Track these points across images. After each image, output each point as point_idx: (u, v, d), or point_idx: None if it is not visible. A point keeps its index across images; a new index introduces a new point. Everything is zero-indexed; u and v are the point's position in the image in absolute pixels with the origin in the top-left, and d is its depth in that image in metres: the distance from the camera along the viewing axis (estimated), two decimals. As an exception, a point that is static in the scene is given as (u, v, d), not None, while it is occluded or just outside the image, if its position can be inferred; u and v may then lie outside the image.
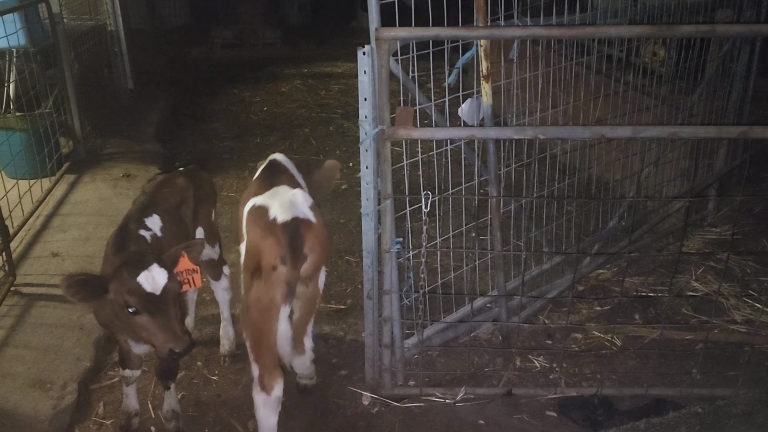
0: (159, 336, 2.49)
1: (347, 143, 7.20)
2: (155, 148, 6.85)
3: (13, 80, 5.64)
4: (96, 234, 4.88)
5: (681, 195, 4.97)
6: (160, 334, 2.48)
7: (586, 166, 4.72)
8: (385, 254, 3.20)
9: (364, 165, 3.07)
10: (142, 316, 2.46)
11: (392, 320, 3.35)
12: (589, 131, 3.09)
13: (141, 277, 2.44)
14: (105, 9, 8.06)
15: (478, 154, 3.69)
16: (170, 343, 2.48)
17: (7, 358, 3.56)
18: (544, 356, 3.78)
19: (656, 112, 4.94)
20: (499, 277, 3.79)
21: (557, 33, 3.34)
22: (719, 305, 4.17)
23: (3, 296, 4.00)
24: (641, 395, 3.41)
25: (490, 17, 3.42)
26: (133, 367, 3.08)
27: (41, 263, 4.50)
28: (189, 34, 12.70)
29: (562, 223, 4.47)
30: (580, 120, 4.49)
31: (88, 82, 6.96)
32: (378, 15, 2.90)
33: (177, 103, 8.69)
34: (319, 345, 3.96)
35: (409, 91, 3.29)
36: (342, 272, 4.76)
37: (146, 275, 2.45)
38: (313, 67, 10.70)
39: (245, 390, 3.57)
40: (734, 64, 4.93)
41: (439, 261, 3.66)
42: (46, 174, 5.67)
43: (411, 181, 3.43)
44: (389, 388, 3.48)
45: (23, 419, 3.16)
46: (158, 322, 2.47)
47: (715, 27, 3.55)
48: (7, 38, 5.24)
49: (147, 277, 2.46)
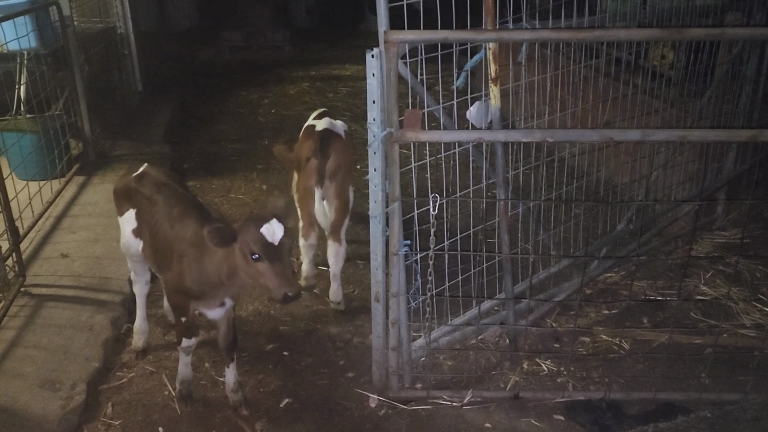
0: (276, 280, 2.85)
1: (355, 146, 7.20)
2: (164, 150, 6.89)
3: (24, 82, 5.69)
4: (105, 235, 4.91)
5: (690, 198, 4.95)
6: (276, 279, 2.85)
7: (595, 169, 4.70)
8: (392, 257, 3.20)
9: (373, 167, 3.07)
10: (262, 262, 2.85)
11: (400, 323, 3.35)
12: (598, 134, 3.08)
13: (263, 229, 2.83)
14: (115, 12, 8.12)
15: (486, 157, 3.68)
16: (285, 288, 2.84)
17: (17, 358, 3.59)
18: (552, 359, 3.76)
19: (665, 115, 4.92)
20: (506, 280, 3.78)
21: (566, 36, 3.34)
22: (728, 309, 4.15)
23: (13, 297, 4.03)
24: (650, 399, 3.40)
25: (498, 20, 3.42)
26: (196, 335, 3.44)
27: (51, 264, 4.53)
28: (198, 36, 12.77)
29: (570, 226, 4.46)
30: (589, 123, 4.48)
31: (97, 85, 7.01)
32: (387, 18, 2.90)
33: (185, 106, 8.73)
34: (326, 347, 3.98)
35: (418, 93, 3.30)
36: (349, 275, 4.76)
37: (268, 228, 2.85)
38: (321, 70, 10.73)
39: (253, 392, 3.58)
40: (744, 67, 4.91)
41: (446, 264, 3.66)
42: (56, 175, 5.71)
43: (419, 183, 3.43)
44: (396, 391, 3.48)
45: (33, 419, 3.18)
46: (276, 269, 2.85)
47: (725, 30, 3.54)
48: (18, 41, 5.29)
49: (268, 229, 2.85)
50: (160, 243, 3.30)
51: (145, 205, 3.42)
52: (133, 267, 3.80)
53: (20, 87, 5.71)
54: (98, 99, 6.88)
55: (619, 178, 4.95)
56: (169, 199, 3.35)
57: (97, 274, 4.40)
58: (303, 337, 4.06)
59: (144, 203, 3.43)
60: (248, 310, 4.32)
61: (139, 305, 3.87)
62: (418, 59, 3.26)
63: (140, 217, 3.47)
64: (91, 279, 4.35)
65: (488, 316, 4.00)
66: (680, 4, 4.56)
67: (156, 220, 3.33)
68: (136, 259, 3.65)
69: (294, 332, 4.11)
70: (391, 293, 3.28)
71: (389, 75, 2.86)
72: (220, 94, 9.34)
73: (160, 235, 3.29)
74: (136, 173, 3.58)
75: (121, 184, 3.64)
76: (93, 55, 6.96)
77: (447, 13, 3.25)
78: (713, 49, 4.81)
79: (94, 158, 6.39)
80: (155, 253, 3.38)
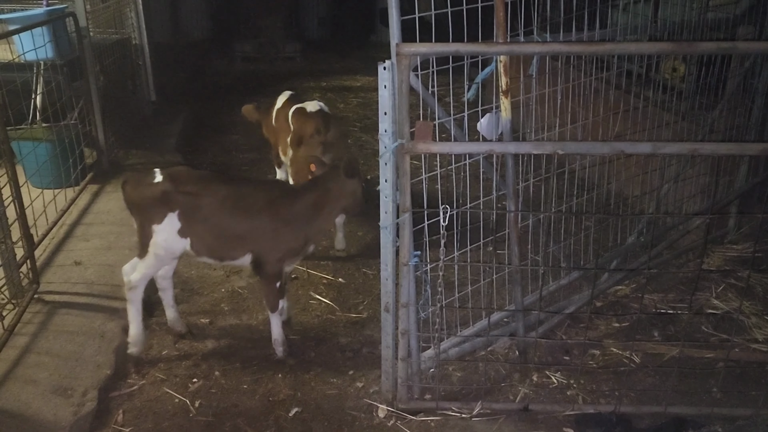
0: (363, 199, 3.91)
1: (365, 156, 7.25)
2: (176, 160, 6.95)
3: (41, 92, 5.78)
4: (117, 243, 4.96)
5: (701, 211, 4.93)
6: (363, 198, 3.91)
7: (605, 182, 4.70)
8: (403, 267, 3.21)
9: (384, 178, 3.09)
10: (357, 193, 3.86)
11: (409, 333, 3.35)
12: (609, 147, 3.09)
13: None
14: (130, 23, 8.22)
15: (496, 169, 3.70)
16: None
17: (30, 364, 3.62)
18: (562, 372, 3.75)
19: (676, 128, 4.92)
20: (516, 292, 3.78)
21: (578, 49, 3.36)
22: (740, 323, 4.12)
23: (27, 303, 4.07)
24: (660, 413, 3.37)
25: (509, 33, 3.44)
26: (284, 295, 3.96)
27: (64, 271, 4.58)
28: (210, 47, 12.90)
29: (581, 238, 4.45)
30: (599, 135, 4.49)
31: (112, 94, 7.09)
32: (399, 30, 2.93)
33: (198, 115, 8.82)
34: (335, 356, 3.98)
35: (429, 105, 3.32)
36: (359, 284, 4.78)
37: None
38: (332, 81, 10.80)
39: (262, 401, 3.59)
40: (756, 80, 4.90)
41: (456, 275, 3.66)
42: (70, 184, 5.77)
43: (429, 194, 3.45)
44: (405, 401, 3.48)
45: (45, 425, 3.21)
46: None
47: (736, 44, 3.54)
48: (36, 51, 5.38)
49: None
50: (228, 229, 3.64)
51: (191, 202, 3.58)
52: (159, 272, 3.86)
53: (36, 96, 5.79)
54: (112, 108, 6.96)
55: (629, 190, 4.94)
56: (226, 184, 3.70)
57: (110, 282, 4.44)
58: (313, 346, 4.07)
59: (188, 201, 3.58)
60: (258, 319, 4.34)
61: (138, 312, 3.83)
62: (430, 71, 3.29)
63: (185, 216, 3.59)
64: (103, 286, 4.39)
65: (498, 327, 4.00)
66: (692, 18, 4.56)
67: (214, 210, 3.59)
68: (172, 260, 3.79)
69: (304, 341, 4.12)
70: (401, 304, 3.29)
71: (401, 87, 2.88)
72: (232, 105, 9.38)
73: (225, 222, 3.62)
74: (156, 179, 3.63)
75: (152, 192, 3.60)
76: (108, 65, 7.05)
77: (458, 25, 3.28)
78: (725, 62, 4.81)
79: (108, 167, 6.46)
80: (218, 241, 3.66)
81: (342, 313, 4.42)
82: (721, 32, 4.85)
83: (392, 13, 2.93)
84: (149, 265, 3.75)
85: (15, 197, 4.13)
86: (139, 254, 3.77)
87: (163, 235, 3.63)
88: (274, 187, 3.89)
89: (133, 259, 3.85)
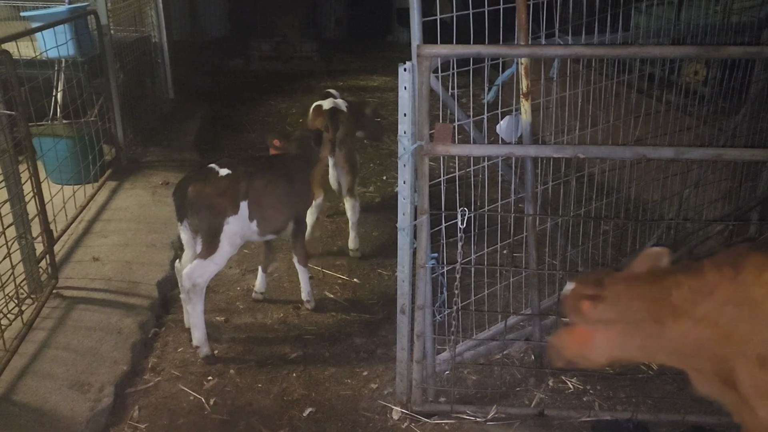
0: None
1: (381, 156, 7.24)
2: (193, 157, 6.99)
3: (62, 89, 5.83)
4: (135, 240, 5.00)
5: (722, 218, 4.86)
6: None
7: (625, 186, 4.65)
8: (419, 269, 3.20)
9: (402, 180, 3.08)
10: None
11: (425, 335, 3.34)
12: (631, 151, 3.05)
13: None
14: (150, 21, 8.28)
15: (515, 171, 3.67)
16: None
17: (48, 359, 3.66)
18: (578, 377, 3.71)
19: (698, 132, 4.85)
20: (533, 296, 3.75)
21: (601, 52, 3.32)
22: (761, 332, 4.05)
23: (45, 299, 4.11)
24: (678, 421, 3.33)
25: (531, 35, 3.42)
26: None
27: (82, 267, 4.62)
28: (228, 46, 12.95)
29: (599, 242, 4.41)
30: (620, 139, 4.44)
31: (131, 92, 7.15)
32: (420, 32, 2.92)
33: (215, 113, 8.86)
34: (350, 357, 3.98)
35: (449, 107, 3.30)
36: (374, 285, 4.77)
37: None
38: (349, 81, 10.80)
39: (276, 400, 3.59)
40: (780, 85, 4.82)
41: (473, 277, 3.64)
42: (89, 180, 5.82)
43: (447, 197, 3.43)
44: (420, 404, 3.47)
45: (61, 420, 3.24)
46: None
47: (763, 49, 3.49)
48: (57, 48, 5.43)
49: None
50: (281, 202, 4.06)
51: (255, 187, 3.89)
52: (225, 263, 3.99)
53: (58, 93, 5.85)
54: (131, 106, 7.01)
55: (649, 195, 4.88)
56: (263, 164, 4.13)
57: (127, 278, 4.47)
58: (327, 347, 4.07)
59: (253, 186, 3.88)
60: (273, 318, 4.35)
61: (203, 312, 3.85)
62: (450, 73, 3.27)
63: (252, 201, 3.87)
64: (120, 283, 4.42)
65: (514, 331, 3.97)
66: (715, 21, 4.50)
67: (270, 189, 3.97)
68: (240, 244, 3.98)
69: (318, 341, 4.12)
70: (416, 306, 3.28)
71: (421, 88, 2.87)
72: (249, 103, 9.46)
73: (278, 197, 4.03)
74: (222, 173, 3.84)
75: (225, 185, 3.80)
76: (128, 63, 7.11)
77: (479, 27, 3.26)
78: (748, 66, 4.73)
79: (126, 164, 6.51)
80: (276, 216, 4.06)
81: (357, 314, 4.42)
82: (745, 36, 4.78)
83: (413, 14, 2.92)
84: (220, 261, 3.83)
85: (36, 193, 4.18)
86: (203, 254, 3.75)
87: (239, 224, 3.82)
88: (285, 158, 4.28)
89: (194, 262, 3.77)
